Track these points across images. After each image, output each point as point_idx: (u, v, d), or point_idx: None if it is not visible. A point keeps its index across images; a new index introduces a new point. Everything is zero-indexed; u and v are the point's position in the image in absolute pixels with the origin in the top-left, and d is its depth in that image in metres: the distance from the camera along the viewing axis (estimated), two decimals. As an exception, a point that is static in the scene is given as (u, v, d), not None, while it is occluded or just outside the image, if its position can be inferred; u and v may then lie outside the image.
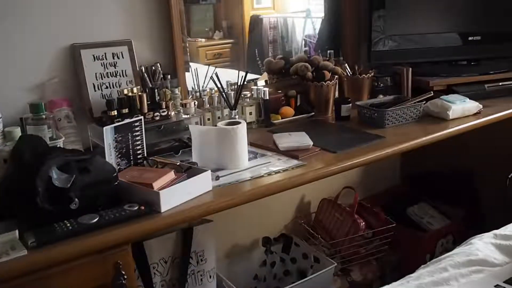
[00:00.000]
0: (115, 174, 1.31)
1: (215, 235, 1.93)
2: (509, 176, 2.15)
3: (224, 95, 1.76)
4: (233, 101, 1.77)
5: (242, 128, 1.55)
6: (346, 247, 2.18)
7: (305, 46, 2.49)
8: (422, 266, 1.29)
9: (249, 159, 1.61)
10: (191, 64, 1.98)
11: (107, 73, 1.72)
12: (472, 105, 2.10)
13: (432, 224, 2.38)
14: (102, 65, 1.71)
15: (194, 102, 1.77)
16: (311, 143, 1.70)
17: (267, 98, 1.99)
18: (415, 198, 2.55)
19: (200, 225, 1.86)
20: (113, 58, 1.73)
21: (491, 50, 2.47)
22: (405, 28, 2.31)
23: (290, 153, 1.65)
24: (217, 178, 1.46)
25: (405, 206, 2.51)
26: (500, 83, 2.40)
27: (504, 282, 1.15)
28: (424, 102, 2.08)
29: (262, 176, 1.50)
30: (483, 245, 1.33)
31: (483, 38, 2.42)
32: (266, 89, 2.01)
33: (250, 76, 2.03)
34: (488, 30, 2.44)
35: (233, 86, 1.93)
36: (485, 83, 2.38)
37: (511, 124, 2.25)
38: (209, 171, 1.41)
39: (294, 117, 2.05)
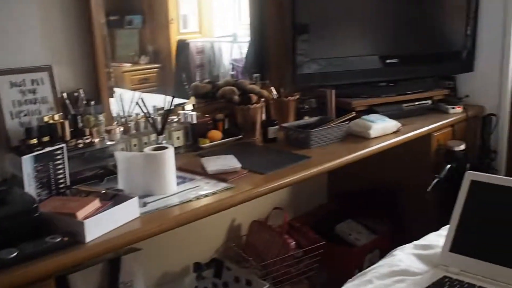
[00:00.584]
0: (35, 205, 1.25)
1: (144, 263, 1.88)
2: (427, 190, 2.26)
3: (151, 120, 1.74)
4: (160, 126, 1.75)
5: (169, 153, 1.54)
6: (277, 268, 2.19)
7: (232, 70, 2.52)
8: (349, 280, 1.33)
9: (178, 184, 1.60)
10: (116, 89, 1.95)
11: (25, 100, 1.66)
12: (391, 124, 2.21)
13: (359, 239, 2.45)
14: (20, 92, 1.65)
15: (119, 128, 1.74)
16: (240, 165, 1.72)
17: (195, 122, 1.99)
18: (343, 215, 2.61)
19: (128, 254, 1.81)
20: (32, 84, 1.67)
21: (408, 72, 2.62)
22: (328, 51, 2.40)
23: (219, 177, 1.66)
24: (145, 204, 1.44)
25: (334, 223, 2.57)
26: (416, 103, 2.54)
27: (424, 288, 1.21)
28: (347, 122, 2.15)
29: (191, 200, 1.49)
30: (404, 256, 1.39)
31: (400, 61, 2.56)
32: (194, 113, 2.01)
33: (178, 101, 2.03)
34: (405, 53, 2.58)
35: (160, 111, 1.91)
36: (403, 103, 2.51)
37: (428, 141, 2.39)
38: (136, 197, 1.39)
39: (222, 141, 2.06)
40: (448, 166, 2.33)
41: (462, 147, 2.41)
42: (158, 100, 1.95)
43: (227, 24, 2.57)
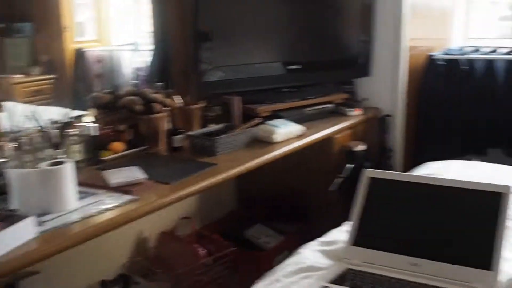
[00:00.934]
0: None
1: (44, 287, 1.77)
2: (330, 189, 2.35)
3: (46, 134, 1.65)
4: (57, 140, 1.67)
5: (67, 168, 1.47)
6: (188, 277, 2.16)
7: (135, 79, 2.46)
8: (257, 280, 1.35)
9: (78, 200, 1.52)
10: (5, 103, 1.82)
11: None
12: (295, 128, 2.27)
13: (269, 243, 2.49)
14: None
15: (11, 144, 1.63)
16: (144, 176, 1.68)
17: (96, 134, 1.92)
18: (252, 220, 2.64)
19: (26, 278, 1.70)
20: None
21: (309, 78, 2.71)
22: (232, 59, 2.42)
23: (122, 189, 1.61)
24: (41, 223, 1.36)
25: (243, 229, 2.58)
26: (318, 107, 2.64)
27: (330, 282, 1.26)
28: (253, 128, 2.18)
29: (93, 215, 1.43)
30: (310, 253, 1.44)
31: (302, 67, 2.63)
32: (94, 125, 1.93)
33: (76, 113, 1.94)
34: (306, 60, 2.67)
35: (56, 124, 1.82)
36: (306, 107, 2.59)
37: (330, 143, 2.48)
38: (32, 217, 1.31)
39: (125, 152, 2.00)
40: (350, 166, 2.43)
41: (362, 147, 2.53)
42: (54, 113, 1.85)
43: (127, 32, 2.51)
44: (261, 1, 2.48)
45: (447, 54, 2.91)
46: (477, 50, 2.96)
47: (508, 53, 2.81)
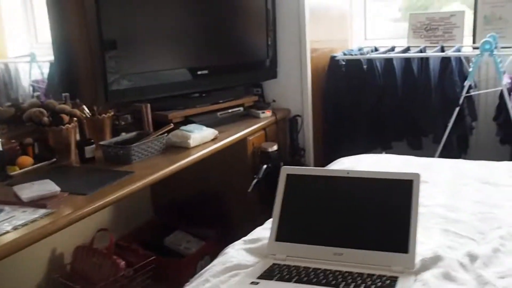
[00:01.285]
0: None
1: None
2: (248, 190, 2.39)
3: None
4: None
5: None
6: (110, 291, 2.10)
7: (33, 92, 2.35)
8: (186, 284, 1.34)
9: (-13, 218, 1.43)
10: None
11: None
12: (209, 132, 2.29)
13: (189, 249, 2.48)
14: None
15: None
16: (58, 189, 1.61)
17: (0, 149, 1.81)
18: (171, 227, 2.62)
19: None
20: None
21: (218, 82, 2.73)
22: (139, 67, 2.38)
23: (36, 203, 1.54)
24: None
25: (163, 237, 2.55)
26: (229, 110, 2.67)
27: (257, 278, 1.27)
28: (166, 134, 2.17)
29: (6, 232, 1.35)
30: (235, 252, 1.45)
31: (210, 72, 2.65)
32: (-3, 139, 1.83)
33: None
34: (214, 64, 2.69)
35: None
36: (217, 112, 2.62)
37: (244, 145, 2.52)
38: None
39: (34, 166, 1.91)
40: (265, 166, 2.49)
41: (275, 147, 2.60)
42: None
43: (22, 44, 2.38)
44: (166, 8, 2.47)
45: (347, 54, 3.07)
46: (375, 50, 3.16)
47: (403, 51, 3.02)
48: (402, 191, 1.37)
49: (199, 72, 2.62)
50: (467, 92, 2.74)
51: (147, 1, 2.38)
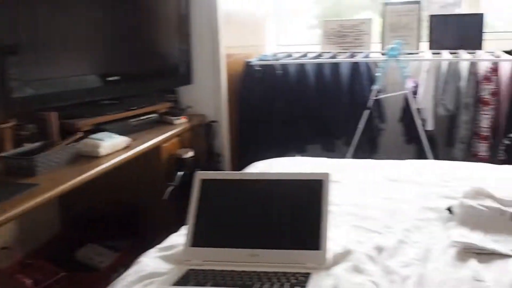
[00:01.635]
0: None
1: None
2: (163, 198, 2.34)
3: None
4: None
5: None
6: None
7: None
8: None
9: None
10: None
11: None
12: (120, 140, 2.22)
13: (103, 262, 2.37)
14: None
15: None
16: (-50, 205, 1.48)
17: None
18: (82, 241, 2.49)
19: None
20: None
21: (130, 88, 2.65)
22: (43, 73, 2.24)
23: None
24: None
25: (73, 251, 2.43)
26: (143, 117, 2.60)
27: (173, 284, 1.25)
28: (75, 143, 2.07)
29: None
30: (149, 260, 1.42)
31: (122, 78, 2.56)
32: None
33: None
34: (125, 70, 2.60)
35: None
36: (130, 119, 2.54)
37: (158, 152, 2.47)
38: None
39: None
40: (180, 173, 2.45)
41: (191, 154, 2.57)
42: None
43: None
44: (74, 11, 2.36)
45: (262, 60, 3.11)
46: (289, 56, 3.22)
47: (316, 57, 3.11)
48: (312, 191, 1.41)
49: (109, 78, 2.52)
50: (376, 95, 2.87)
51: (53, 2, 2.26)
